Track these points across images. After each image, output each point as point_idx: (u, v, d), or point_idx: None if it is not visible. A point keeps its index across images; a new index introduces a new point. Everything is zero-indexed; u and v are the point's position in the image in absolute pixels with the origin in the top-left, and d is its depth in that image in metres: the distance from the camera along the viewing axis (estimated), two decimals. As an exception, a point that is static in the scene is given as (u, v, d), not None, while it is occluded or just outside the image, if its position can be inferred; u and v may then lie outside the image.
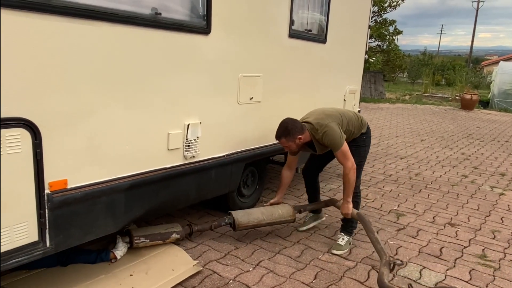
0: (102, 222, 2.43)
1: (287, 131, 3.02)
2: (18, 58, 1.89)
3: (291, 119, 3.08)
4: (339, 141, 2.97)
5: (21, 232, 2.01)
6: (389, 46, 21.21)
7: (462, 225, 3.94)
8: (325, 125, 3.00)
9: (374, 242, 2.90)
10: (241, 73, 3.30)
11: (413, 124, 10.82)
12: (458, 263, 3.15)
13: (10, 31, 1.84)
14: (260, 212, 3.31)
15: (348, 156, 2.99)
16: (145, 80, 2.53)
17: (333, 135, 2.97)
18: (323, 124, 3.01)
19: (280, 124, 3.08)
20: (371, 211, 4.15)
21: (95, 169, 2.34)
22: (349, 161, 2.99)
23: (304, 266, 2.96)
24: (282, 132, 3.04)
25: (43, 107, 2.03)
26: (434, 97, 20.00)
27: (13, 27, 1.84)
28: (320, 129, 3.01)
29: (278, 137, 3.08)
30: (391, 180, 5.38)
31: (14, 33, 1.85)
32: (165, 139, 2.75)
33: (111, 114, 2.37)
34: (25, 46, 1.90)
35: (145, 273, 2.68)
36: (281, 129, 3.05)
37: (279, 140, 3.10)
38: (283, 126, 3.05)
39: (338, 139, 2.97)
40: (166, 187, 2.82)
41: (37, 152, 2.01)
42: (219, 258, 2.98)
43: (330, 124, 3.00)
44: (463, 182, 5.47)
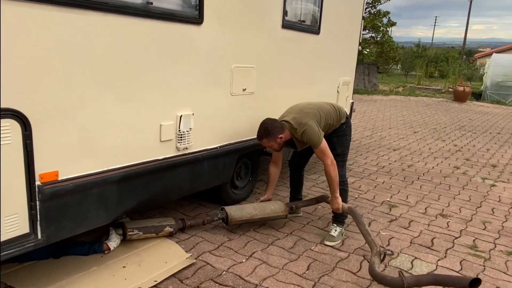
0: (94, 214, 2.42)
1: (267, 132, 3.07)
2: (8, 49, 1.85)
3: (271, 119, 3.14)
4: (317, 139, 3.03)
5: (12, 224, 2.00)
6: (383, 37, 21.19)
7: (454, 216, 3.97)
8: (303, 124, 3.05)
9: (365, 235, 2.93)
10: (234, 64, 3.28)
11: (406, 116, 10.86)
12: (449, 253, 3.19)
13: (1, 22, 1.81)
14: (252, 208, 3.34)
15: (327, 153, 3.05)
16: (137, 71, 2.51)
17: (311, 133, 3.03)
18: (302, 123, 3.05)
19: (260, 125, 3.13)
20: (364, 203, 4.18)
21: (86, 161, 2.32)
22: (328, 158, 3.05)
23: (297, 257, 2.98)
24: (263, 132, 3.10)
25: (33, 99, 2.00)
26: (427, 89, 20.08)
27: (3, 17, 1.81)
28: (299, 128, 3.06)
29: (259, 137, 3.15)
30: (384, 171, 5.41)
31: (4, 23, 1.82)
32: (157, 130, 2.73)
33: (103, 106, 2.34)
34: (15, 36, 1.87)
35: (138, 265, 2.68)
36: (262, 130, 3.11)
37: (260, 140, 3.16)
38: (263, 127, 3.10)
39: (317, 137, 3.03)
40: (158, 179, 2.80)
41: (27, 143, 1.99)
42: (212, 250, 2.98)
43: (308, 122, 3.05)
44: (455, 173, 5.51)
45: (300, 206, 3.67)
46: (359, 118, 9.89)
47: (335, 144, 3.23)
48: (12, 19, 1.85)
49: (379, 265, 2.59)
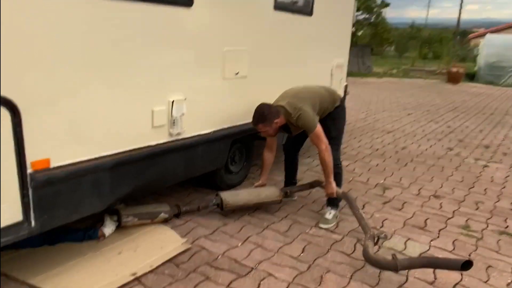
0: (87, 201, 2.41)
1: (263, 117, 3.06)
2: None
3: (266, 104, 3.12)
4: (312, 124, 3.02)
5: (5, 212, 1.98)
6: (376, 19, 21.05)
7: (447, 197, 4.01)
8: (298, 108, 3.03)
9: (359, 219, 2.95)
10: (226, 47, 3.23)
11: (400, 98, 10.87)
12: (442, 234, 3.22)
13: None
14: (247, 193, 3.35)
15: (321, 138, 3.04)
16: (126, 56, 2.47)
17: (306, 118, 3.02)
18: (297, 108, 3.04)
19: (256, 110, 3.10)
20: (358, 185, 4.20)
21: (78, 148, 2.30)
22: (323, 143, 3.05)
23: (292, 240, 3.00)
24: (258, 118, 3.08)
25: (22, 86, 1.96)
26: (421, 70, 20.05)
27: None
28: (294, 113, 3.04)
29: (255, 123, 3.13)
30: (377, 154, 5.43)
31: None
32: (149, 116, 2.71)
33: (93, 92, 2.31)
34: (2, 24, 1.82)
35: (133, 251, 2.69)
36: (257, 115, 3.08)
37: (256, 126, 3.15)
38: (259, 112, 3.08)
39: (311, 122, 3.02)
40: (152, 164, 2.79)
41: (17, 131, 1.96)
42: (207, 234, 2.99)
43: (303, 107, 3.04)
44: (448, 155, 5.55)
45: (295, 191, 3.68)
46: (353, 101, 9.87)
47: (329, 127, 3.23)
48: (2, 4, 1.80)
49: (373, 248, 2.62)
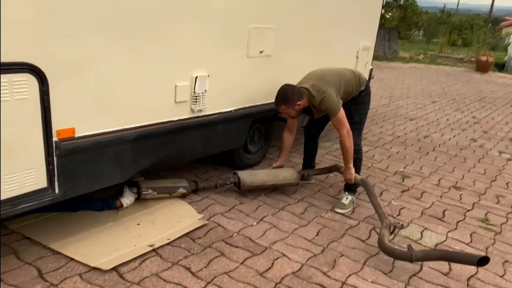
0: (109, 172, 2.46)
1: (286, 98, 3.01)
2: (24, 3, 1.82)
3: (289, 85, 3.07)
4: (335, 108, 2.97)
5: (30, 178, 2.04)
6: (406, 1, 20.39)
7: (467, 188, 3.94)
8: (322, 91, 2.97)
9: (376, 207, 2.93)
10: (252, 25, 3.19)
11: (425, 85, 10.61)
12: (460, 225, 3.19)
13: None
14: (265, 174, 3.36)
15: (343, 123, 2.99)
16: (153, 29, 2.46)
17: (330, 101, 2.96)
18: (321, 90, 2.98)
19: (279, 91, 3.06)
20: (377, 172, 4.16)
21: (102, 119, 2.33)
22: (344, 128, 3.00)
23: (307, 222, 3.01)
24: (282, 99, 3.04)
25: (50, 54, 1.98)
26: (449, 57, 19.46)
27: (16, -33, 1.77)
28: (318, 95, 2.99)
29: (277, 104, 3.08)
30: (399, 141, 5.34)
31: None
32: (172, 91, 2.71)
33: (119, 63, 2.32)
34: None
35: (152, 223, 2.74)
36: (281, 96, 3.04)
37: (278, 107, 3.10)
38: (282, 94, 3.03)
39: (335, 105, 2.97)
40: (172, 140, 2.82)
41: (44, 99, 1.99)
42: (224, 212, 3.03)
43: (327, 90, 2.97)
44: (472, 146, 5.43)
45: (312, 174, 3.67)
46: (377, 86, 9.69)
47: (352, 112, 3.17)
48: (28, -29, 1.81)
49: (389, 237, 2.61)
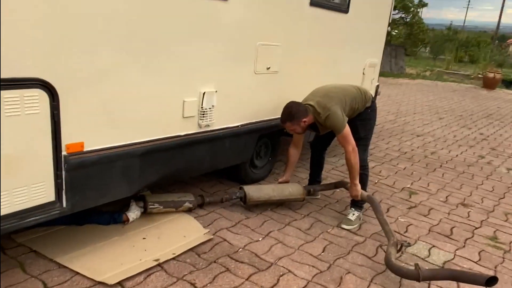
0: (117, 186, 2.48)
1: (292, 115, 3.04)
2: (37, 19, 1.88)
3: (295, 102, 3.09)
4: (341, 125, 2.99)
5: (38, 192, 2.07)
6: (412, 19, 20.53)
7: (475, 206, 3.90)
8: (327, 109, 2.99)
9: (382, 224, 2.91)
10: (259, 42, 3.23)
11: (432, 101, 10.60)
12: (468, 243, 3.15)
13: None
14: (271, 189, 3.36)
15: (349, 140, 3.00)
16: (163, 45, 2.50)
17: (335, 119, 2.98)
18: (326, 108, 3.00)
19: (284, 108, 3.08)
20: (384, 188, 4.14)
21: (111, 133, 2.36)
22: (350, 145, 3.01)
23: (313, 238, 2.99)
24: (287, 116, 3.06)
25: (61, 69, 2.03)
26: (455, 74, 19.47)
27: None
28: (323, 113, 3.00)
29: (283, 121, 3.11)
30: (405, 157, 5.33)
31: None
32: (180, 106, 2.74)
33: (128, 79, 2.36)
34: (43, 6, 1.88)
35: (157, 238, 2.74)
36: (286, 113, 3.06)
37: (284, 124, 3.12)
38: (287, 111, 3.06)
39: (340, 123, 2.98)
40: (180, 154, 2.83)
41: (55, 113, 2.03)
42: (229, 227, 3.02)
43: (332, 107, 2.99)
44: (479, 163, 5.39)
45: (318, 190, 3.67)
46: (383, 102, 9.70)
47: (358, 128, 3.18)
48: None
49: (396, 255, 2.59)
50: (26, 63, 1.89)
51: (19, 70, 1.86)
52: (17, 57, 1.84)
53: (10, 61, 1.82)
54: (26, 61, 1.88)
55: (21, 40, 1.84)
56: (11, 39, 1.80)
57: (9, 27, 1.78)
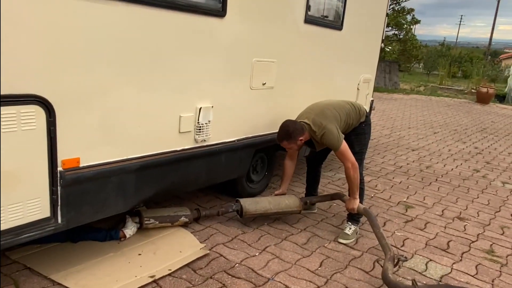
0: (112, 201, 2.47)
1: (289, 135, 3.06)
2: (34, 36, 1.90)
3: (291, 121, 3.12)
4: (337, 143, 3.01)
5: (33, 208, 2.06)
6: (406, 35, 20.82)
7: (471, 219, 3.91)
8: (323, 127, 3.02)
9: (379, 238, 2.91)
10: (255, 58, 3.28)
11: (426, 116, 10.69)
12: (465, 257, 3.14)
13: (27, 8, 1.84)
14: (267, 201, 3.35)
15: (347, 156, 3.03)
16: (159, 61, 2.53)
17: (330, 137, 3.01)
18: (321, 126, 3.03)
19: (281, 127, 3.11)
20: (380, 202, 4.14)
21: (107, 149, 2.36)
22: (349, 160, 3.04)
23: (310, 253, 2.98)
24: (284, 135, 3.08)
25: (58, 85, 2.04)
26: (449, 89, 19.69)
27: (30, 4, 1.85)
28: (318, 131, 3.04)
29: (280, 140, 3.13)
30: (401, 171, 5.35)
31: (30, 10, 1.86)
32: (177, 121, 2.76)
33: (125, 94, 2.38)
34: (41, 24, 1.91)
35: (153, 253, 2.72)
36: (283, 132, 3.08)
37: (281, 143, 3.14)
38: (284, 130, 3.08)
39: (336, 140, 3.01)
40: (176, 169, 2.84)
41: (51, 129, 2.03)
42: (226, 242, 3.01)
43: (327, 125, 3.02)
44: (475, 176, 5.42)
45: (315, 202, 3.66)
46: (378, 117, 9.78)
47: (353, 142, 3.21)
48: (40, 6, 1.89)
49: (393, 270, 2.58)
50: (23, 79, 1.90)
51: (16, 86, 1.87)
52: (15, 73, 1.86)
53: (8, 78, 1.83)
54: (23, 78, 1.90)
55: (19, 57, 1.86)
56: (8, 56, 1.82)
57: (7, 44, 1.80)
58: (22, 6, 1.82)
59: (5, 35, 1.79)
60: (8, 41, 1.81)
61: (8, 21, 1.79)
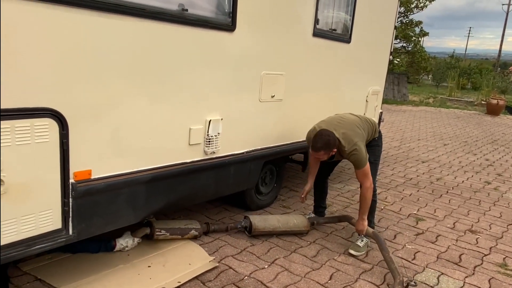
0: (123, 213, 2.49)
1: (328, 145, 2.98)
2: (48, 50, 1.95)
3: (329, 131, 3.02)
4: (364, 162, 3.02)
5: (45, 219, 2.08)
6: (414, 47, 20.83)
7: (483, 232, 3.86)
8: (354, 143, 3.01)
9: (388, 262, 2.89)
10: (264, 71, 3.31)
11: (436, 128, 10.62)
12: (478, 270, 3.10)
13: (41, 24, 1.90)
14: (276, 220, 3.37)
15: (368, 176, 3.05)
16: (170, 75, 2.57)
17: (360, 155, 3.01)
18: (352, 142, 3.02)
19: (321, 137, 2.99)
20: (390, 214, 4.11)
21: (118, 161, 2.39)
22: (369, 180, 3.05)
23: (319, 266, 2.96)
24: (323, 145, 2.97)
25: (71, 98, 2.08)
26: (459, 101, 19.57)
27: (43, 19, 1.90)
28: (348, 147, 3.01)
29: (318, 149, 2.99)
30: (411, 183, 5.30)
31: (44, 25, 1.91)
32: (186, 134, 2.79)
33: (136, 107, 2.41)
34: (55, 38, 1.96)
35: (162, 265, 2.73)
36: (323, 142, 2.97)
37: (317, 151, 3.01)
38: (325, 140, 2.97)
39: (364, 159, 3.02)
40: (186, 181, 2.85)
41: (64, 142, 2.07)
42: (235, 254, 3.00)
43: (358, 143, 3.03)
44: (486, 188, 5.35)
45: (322, 223, 3.64)
46: (387, 128, 9.74)
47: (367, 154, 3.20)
48: (54, 22, 1.94)
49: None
50: (37, 93, 1.94)
51: (30, 100, 1.91)
52: (29, 87, 1.91)
53: (22, 91, 1.88)
54: (37, 92, 1.94)
55: (32, 72, 1.91)
56: (23, 70, 1.87)
57: (21, 59, 1.85)
58: (35, 22, 1.88)
59: (19, 50, 1.84)
60: (22, 56, 1.86)
61: (22, 37, 1.84)
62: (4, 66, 1.80)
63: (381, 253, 3.01)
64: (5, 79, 1.81)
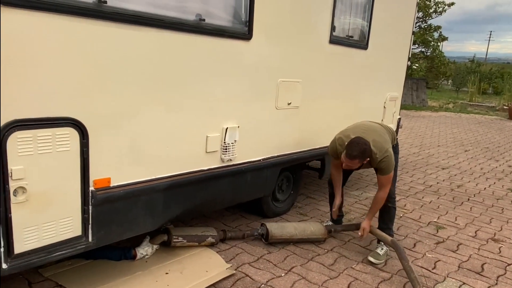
0: (141, 220, 2.52)
1: (364, 154, 2.92)
2: (69, 62, 2.00)
3: (366, 140, 2.96)
4: (391, 168, 3.06)
5: (66, 226, 2.12)
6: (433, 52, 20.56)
7: (506, 241, 3.75)
8: (385, 150, 3.01)
9: (408, 271, 2.84)
10: (280, 79, 3.32)
11: (456, 134, 10.43)
12: (501, 280, 3.01)
13: (62, 36, 1.95)
14: (293, 227, 3.36)
15: (390, 181, 3.10)
16: (187, 84, 2.60)
17: (390, 162, 3.03)
18: (383, 149, 3.01)
19: (358, 145, 2.92)
20: (409, 222, 4.04)
21: (136, 169, 2.43)
22: (389, 186, 3.09)
23: (337, 274, 2.93)
24: (359, 153, 2.91)
25: (91, 108, 2.13)
26: (480, 106, 19.18)
27: (65, 32, 1.95)
28: (380, 154, 2.99)
29: (353, 157, 2.92)
30: (431, 190, 5.21)
31: (65, 37, 1.96)
32: (203, 141, 2.81)
33: (154, 116, 2.45)
34: (76, 50, 2.01)
35: (180, 273, 2.74)
36: (360, 151, 2.90)
37: (353, 159, 2.93)
38: (361, 148, 2.91)
39: (392, 166, 3.05)
40: (203, 189, 2.87)
41: (84, 150, 2.11)
42: (251, 262, 3.00)
43: (389, 150, 3.04)
44: (509, 196, 5.21)
45: (339, 231, 3.60)
46: (406, 134, 9.61)
47: None
48: (75, 33, 1.99)
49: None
50: (58, 103, 1.99)
51: (52, 109, 1.97)
52: (51, 97, 1.96)
53: (44, 102, 1.93)
54: (58, 102, 1.99)
55: (55, 82, 1.96)
56: (45, 81, 1.92)
57: (43, 70, 1.91)
58: (57, 35, 1.93)
59: (41, 62, 1.89)
60: (45, 68, 1.91)
61: (44, 49, 1.89)
62: (27, 77, 1.85)
63: (401, 262, 2.96)
64: (27, 89, 1.86)
